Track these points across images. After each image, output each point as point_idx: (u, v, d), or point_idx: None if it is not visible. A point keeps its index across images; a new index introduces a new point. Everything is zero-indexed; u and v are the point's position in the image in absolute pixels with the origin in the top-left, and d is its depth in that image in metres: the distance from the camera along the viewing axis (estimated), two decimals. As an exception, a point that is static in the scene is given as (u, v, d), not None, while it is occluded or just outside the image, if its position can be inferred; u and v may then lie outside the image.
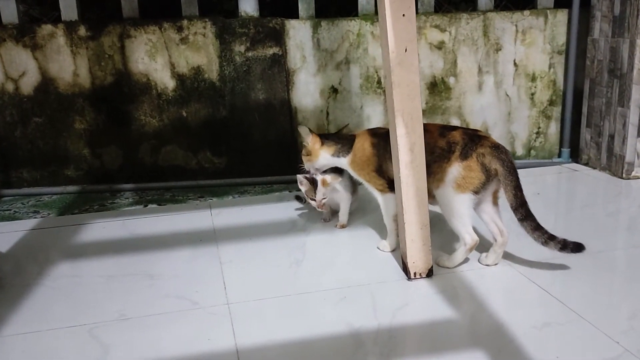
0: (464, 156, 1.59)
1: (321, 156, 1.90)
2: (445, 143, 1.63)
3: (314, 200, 1.97)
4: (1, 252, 1.97)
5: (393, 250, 1.83)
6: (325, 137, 1.92)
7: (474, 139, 1.61)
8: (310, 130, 1.90)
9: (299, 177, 1.98)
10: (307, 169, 1.98)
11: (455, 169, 1.59)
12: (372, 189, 1.85)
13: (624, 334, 1.34)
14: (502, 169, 1.57)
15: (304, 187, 1.98)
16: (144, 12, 2.70)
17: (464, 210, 1.61)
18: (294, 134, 2.81)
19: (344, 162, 1.89)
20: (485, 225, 1.69)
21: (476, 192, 1.59)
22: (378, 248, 1.86)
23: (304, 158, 1.95)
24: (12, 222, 2.30)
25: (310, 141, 1.90)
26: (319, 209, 2.01)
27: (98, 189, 2.70)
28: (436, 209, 1.71)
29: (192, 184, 2.74)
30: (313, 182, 1.96)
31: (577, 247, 1.57)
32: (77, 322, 1.48)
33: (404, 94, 1.50)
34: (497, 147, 1.59)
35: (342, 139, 1.90)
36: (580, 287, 1.58)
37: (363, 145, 1.84)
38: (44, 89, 2.66)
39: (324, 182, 1.96)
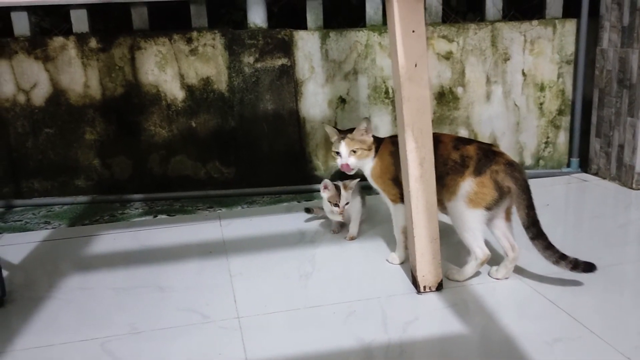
0: (478, 172, 1.59)
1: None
2: (459, 156, 1.63)
3: (337, 206, 1.97)
4: (13, 264, 1.98)
5: (402, 263, 1.83)
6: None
7: (489, 155, 1.61)
8: (338, 129, 1.90)
9: (326, 181, 1.99)
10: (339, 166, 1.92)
11: (468, 184, 1.59)
12: (386, 198, 1.84)
13: (636, 349, 1.33)
14: (515, 187, 1.56)
15: (329, 192, 1.99)
16: (154, 23, 2.73)
17: (475, 225, 1.61)
18: (302, 144, 2.82)
19: (368, 165, 1.84)
20: (497, 241, 1.69)
21: (488, 209, 1.59)
22: (387, 260, 1.86)
23: (333, 154, 1.88)
24: (23, 233, 2.31)
25: (337, 139, 1.86)
26: (338, 215, 2.01)
27: (108, 200, 2.72)
28: (446, 218, 1.71)
29: (201, 194, 2.76)
30: (337, 188, 1.97)
31: (589, 267, 1.56)
32: (89, 335, 1.49)
33: (414, 108, 1.50)
34: (511, 165, 1.59)
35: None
36: (591, 301, 1.58)
37: (384, 152, 1.84)
38: (55, 100, 2.69)
39: (346, 186, 1.98)
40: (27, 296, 1.74)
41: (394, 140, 1.85)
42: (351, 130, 1.86)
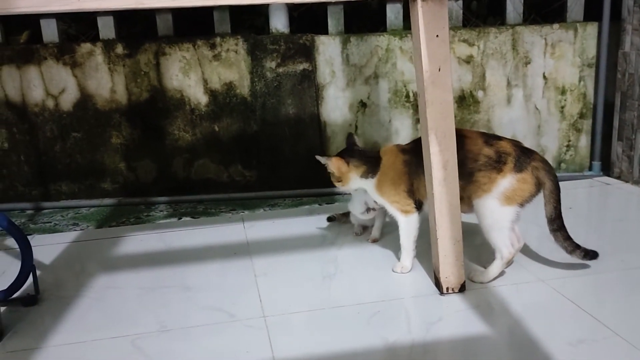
0: (519, 168, 1.60)
1: (352, 180, 1.79)
2: (494, 152, 1.63)
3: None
4: (44, 264, 2.04)
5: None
6: (348, 155, 1.80)
7: (525, 152, 1.64)
8: (328, 157, 1.80)
9: None
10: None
11: (507, 181, 1.60)
12: (396, 212, 1.77)
13: (661, 351, 1.34)
14: (550, 183, 1.61)
15: None
16: (178, 30, 2.78)
17: (506, 224, 1.63)
18: (323, 148, 2.85)
19: (371, 183, 1.79)
20: None
21: (522, 205, 1.62)
22: (394, 271, 1.81)
23: (337, 184, 1.84)
24: (53, 234, 2.38)
25: (334, 166, 1.80)
26: (369, 216, 2.02)
27: (133, 202, 2.78)
28: (466, 217, 1.71)
29: (224, 197, 2.80)
30: None
31: (594, 255, 1.67)
32: (120, 333, 1.53)
33: (437, 112, 1.52)
34: (546, 161, 1.64)
35: (368, 157, 1.79)
36: (615, 303, 1.58)
37: (394, 163, 1.76)
38: (83, 105, 2.76)
39: None
40: (58, 295, 1.79)
41: (403, 148, 1.80)
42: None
